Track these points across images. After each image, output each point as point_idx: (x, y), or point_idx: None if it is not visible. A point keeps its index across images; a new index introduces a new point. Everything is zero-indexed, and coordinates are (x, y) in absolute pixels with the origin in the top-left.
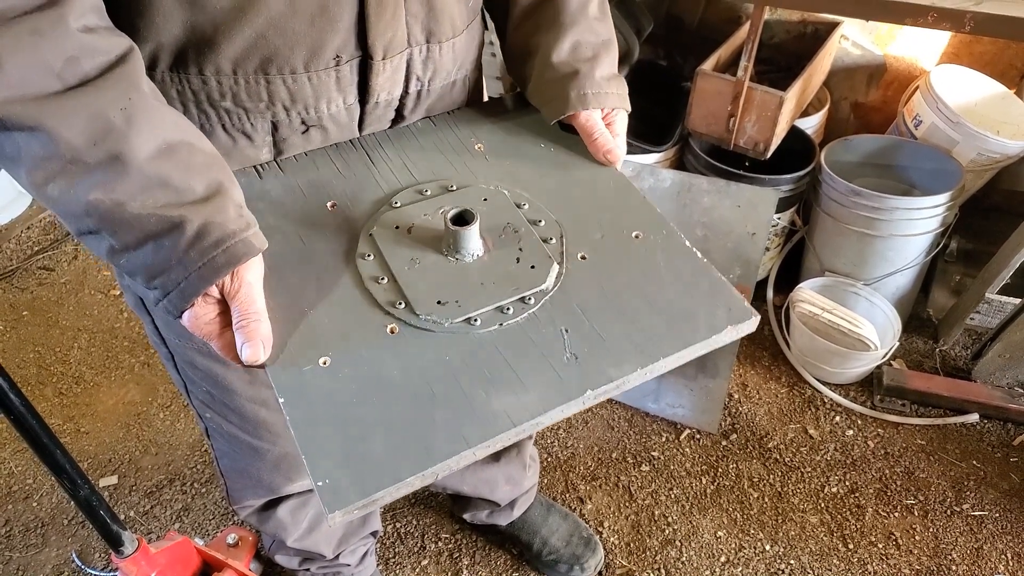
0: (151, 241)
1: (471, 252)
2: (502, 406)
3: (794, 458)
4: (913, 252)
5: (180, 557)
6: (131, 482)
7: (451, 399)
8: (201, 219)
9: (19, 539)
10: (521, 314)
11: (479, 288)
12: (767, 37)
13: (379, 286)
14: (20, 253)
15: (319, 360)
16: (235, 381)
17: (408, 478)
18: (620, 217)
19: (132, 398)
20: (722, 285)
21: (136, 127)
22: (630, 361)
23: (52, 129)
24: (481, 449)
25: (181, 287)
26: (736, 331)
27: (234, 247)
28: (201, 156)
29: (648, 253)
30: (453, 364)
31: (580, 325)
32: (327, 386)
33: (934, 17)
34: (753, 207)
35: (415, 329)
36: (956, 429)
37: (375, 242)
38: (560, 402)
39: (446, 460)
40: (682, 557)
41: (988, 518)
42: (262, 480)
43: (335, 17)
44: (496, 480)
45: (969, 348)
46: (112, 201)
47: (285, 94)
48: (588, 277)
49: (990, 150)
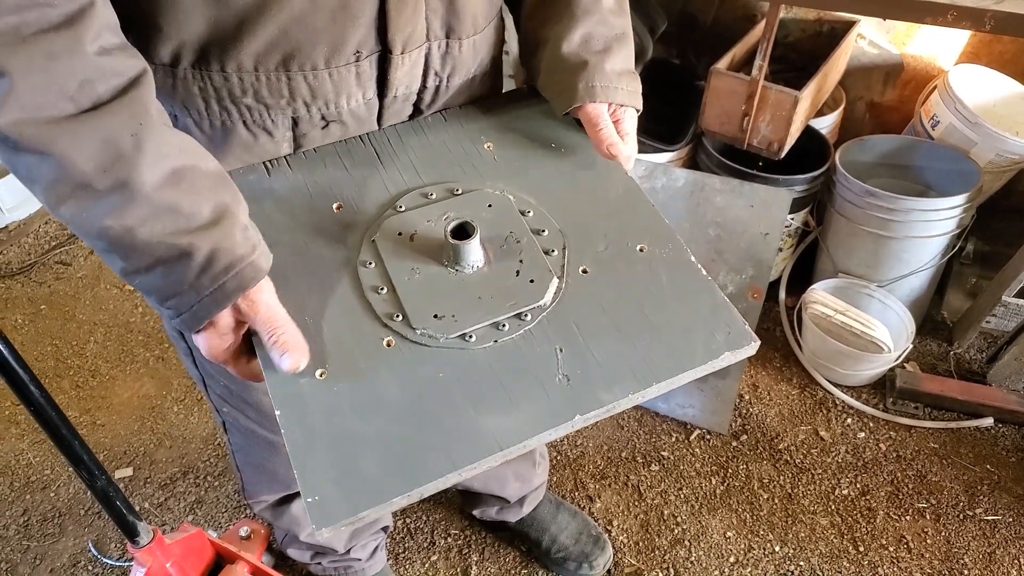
0: (161, 266)
1: (471, 264)
2: (491, 427)
3: (805, 460)
4: (928, 254)
5: (194, 548)
6: (146, 474)
7: (442, 418)
8: (209, 246)
9: (37, 528)
10: (517, 331)
11: (477, 302)
12: (782, 36)
13: (379, 296)
14: (38, 248)
15: (316, 372)
16: None
17: (395, 499)
18: (626, 226)
19: (147, 391)
20: (724, 306)
21: (144, 153)
22: (622, 385)
23: (62, 154)
24: (467, 471)
25: (193, 310)
26: (734, 356)
27: (243, 272)
28: (207, 179)
29: (651, 268)
30: (447, 381)
31: (575, 344)
32: (323, 400)
33: (954, 16)
34: (767, 207)
35: (411, 343)
36: (970, 433)
37: (377, 250)
38: (549, 426)
39: (433, 481)
40: (691, 557)
41: (1001, 523)
42: (277, 475)
43: (356, 13)
44: (506, 476)
45: (984, 351)
46: (122, 227)
47: (306, 90)
48: (588, 292)
49: (1009, 151)
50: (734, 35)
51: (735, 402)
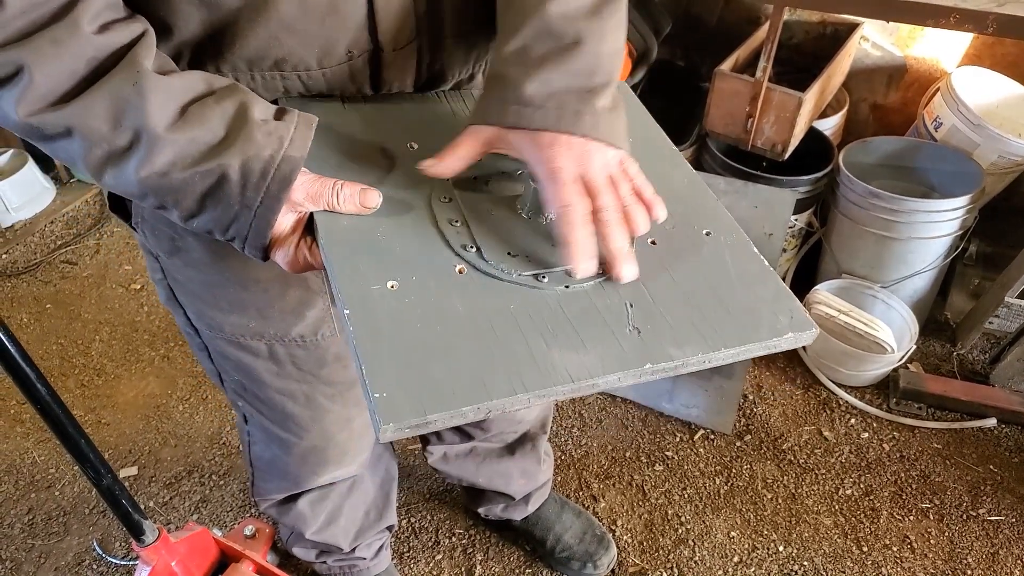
0: (208, 199)
1: (548, 214)
2: (561, 360)
3: (808, 460)
4: (931, 255)
5: (199, 547)
6: (151, 473)
7: (512, 344)
8: (238, 160)
9: (41, 527)
10: (588, 281)
11: (551, 249)
12: (786, 38)
13: (453, 228)
14: (44, 247)
15: (387, 283)
16: (264, 373)
17: (464, 408)
18: (692, 212)
19: (152, 390)
20: (786, 293)
21: (147, 99)
22: (692, 345)
23: (81, 125)
24: (536, 396)
25: (253, 227)
26: (796, 339)
27: (280, 170)
28: (212, 99)
29: (717, 251)
30: (516, 313)
31: (645, 303)
32: (393, 307)
33: (956, 18)
34: (770, 208)
35: (482, 274)
36: (973, 433)
37: (452, 188)
38: (619, 368)
39: (502, 399)
40: (695, 556)
41: (1004, 523)
42: (288, 473)
43: (345, 15)
44: (511, 473)
45: (987, 352)
46: (157, 174)
47: (301, 88)
48: (656, 261)
49: (1011, 153)
50: (738, 37)
51: (739, 402)
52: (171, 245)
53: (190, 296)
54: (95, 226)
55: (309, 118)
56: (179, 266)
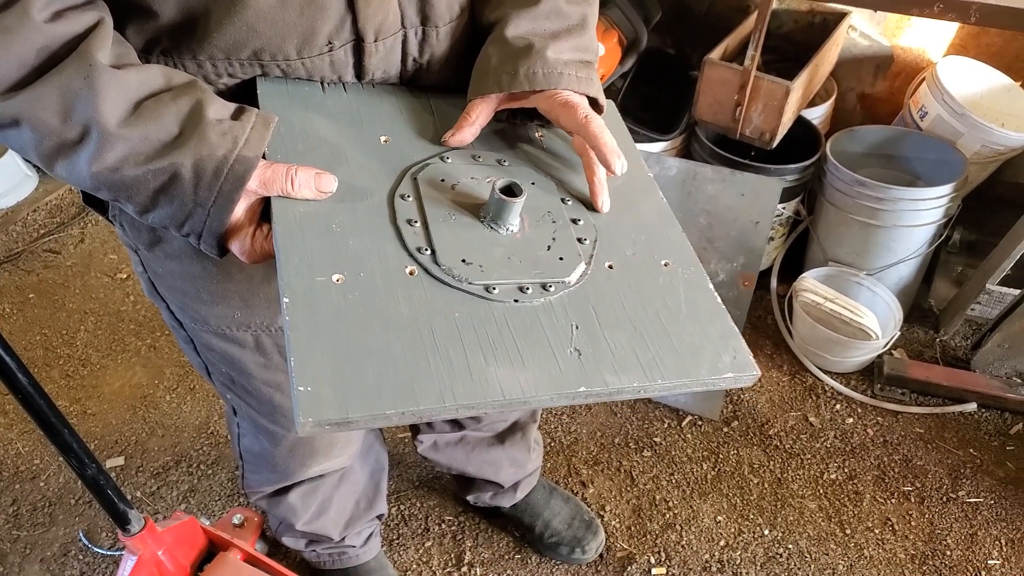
0: (161, 195)
1: (508, 226)
2: (496, 375)
3: (794, 445)
4: (916, 243)
5: (186, 536)
6: (138, 463)
7: (449, 353)
8: (191, 158)
9: (26, 518)
10: (538, 299)
11: (506, 262)
12: (775, 26)
13: (410, 228)
14: (26, 236)
15: (333, 275)
16: (251, 364)
17: (388, 411)
18: (655, 242)
19: (138, 380)
20: (733, 332)
21: (99, 93)
22: (629, 373)
23: (31, 116)
24: (465, 409)
25: (207, 224)
26: (736, 379)
27: (233, 170)
28: (168, 95)
29: (672, 283)
30: (460, 322)
31: (591, 326)
32: (335, 302)
33: (940, 8)
34: (757, 196)
35: (433, 279)
36: (954, 418)
37: (417, 187)
38: (552, 389)
39: (429, 407)
40: (682, 541)
41: (983, 505)
42: (277, 465)
43: (324, 5)
44: (500, 462)
45: (969, 338)
46: (108, 170)
47: (280, 75)
48: (610, 286)
49: (994, 142)
50: (727, 25)
51: (726, 389)
52: (151, 236)
53: (172, 290)
54: (79, 215)
55: (268, 117)
56: (159, 259)
